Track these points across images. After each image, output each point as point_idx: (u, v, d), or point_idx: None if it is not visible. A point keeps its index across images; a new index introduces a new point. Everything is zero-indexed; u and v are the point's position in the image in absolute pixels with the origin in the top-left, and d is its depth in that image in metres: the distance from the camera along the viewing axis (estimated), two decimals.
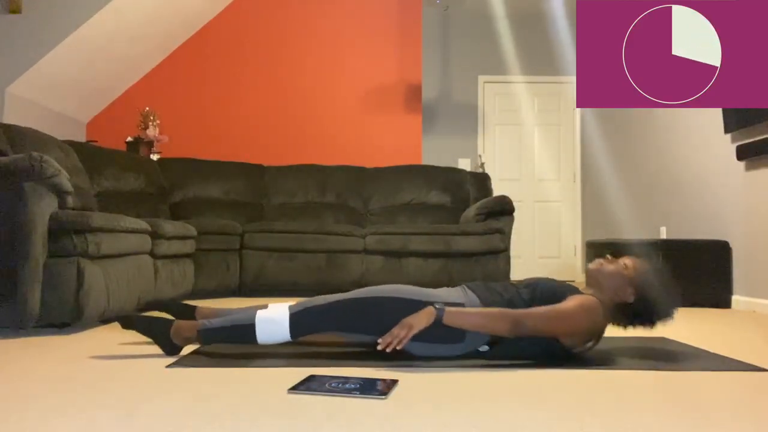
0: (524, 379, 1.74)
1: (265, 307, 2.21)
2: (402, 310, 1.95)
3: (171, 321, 2.02)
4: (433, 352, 2.02)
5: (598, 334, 2.04)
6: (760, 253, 3.78)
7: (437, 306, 1.89)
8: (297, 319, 1.97)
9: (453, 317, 1.88)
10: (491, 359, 2.00)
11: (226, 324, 2.00)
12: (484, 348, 2.01)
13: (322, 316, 1.99)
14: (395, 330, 1.85)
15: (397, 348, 1.85)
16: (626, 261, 2.13)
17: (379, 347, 1.85)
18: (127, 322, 2.02)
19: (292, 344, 2.25)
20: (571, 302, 1.97)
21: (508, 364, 1.94)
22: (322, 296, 2.09)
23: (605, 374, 1.83)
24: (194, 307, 2.36)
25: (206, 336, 1.99)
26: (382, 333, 1.93)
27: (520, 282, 2.20)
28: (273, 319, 1.97)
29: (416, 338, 1.91)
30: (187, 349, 2.12)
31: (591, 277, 2.14)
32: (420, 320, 1.86)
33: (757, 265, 3.82)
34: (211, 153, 5.87)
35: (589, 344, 2.06)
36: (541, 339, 1.97)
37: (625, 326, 2.12)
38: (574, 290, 2.08)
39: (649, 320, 2.09)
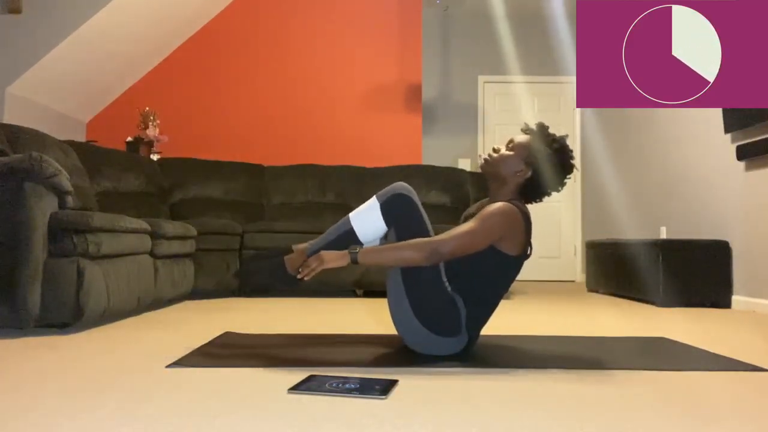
0: (524, 379, 1.74)
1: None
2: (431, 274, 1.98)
3: (281, 259, 2.05)
4: (430, 350, 2.02)
5: (527, 228, 2.04)
6: (760, 253, 3.78)
7: (351, 249, 1.93)
8: (387, 206, 2.03)
9: (367, 256, 1.93)
10: (491, 360, 2.01)
11: (329, 238, 2.06)
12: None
13: (404, 211, 2.04)
14: (311, 260, 1.93)
15: (306, 279, 1.93)
16: (510, 144, 2.14)
17: (298, 277, 1.94)
18: (246, 272, 2.07)
19: (291, 345, 2.26)
20: (479, 215, 2.00)
21: (507, 365, 1.94)
22: (403, 187, 2.13)
23: (605, 374, 1.83)
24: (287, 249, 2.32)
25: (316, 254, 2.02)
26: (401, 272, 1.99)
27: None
28: (365, 212, 2.04)
29: (417, 314, 1.95)
30: (186, 350, 2.12)
31: (489, 175, 2.16)
32: (333, 259, 1.92)
33: (757, 265, 3.82)
34: (211, 153, 5.87)
35: (529, 248, 2.08)
36: (488, 262, 1.99)
37: (540, 199, 2.15)
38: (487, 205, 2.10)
39: (557, 183, 2.12)
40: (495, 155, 2.14)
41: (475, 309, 2.04)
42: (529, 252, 2.08)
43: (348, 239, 2.04)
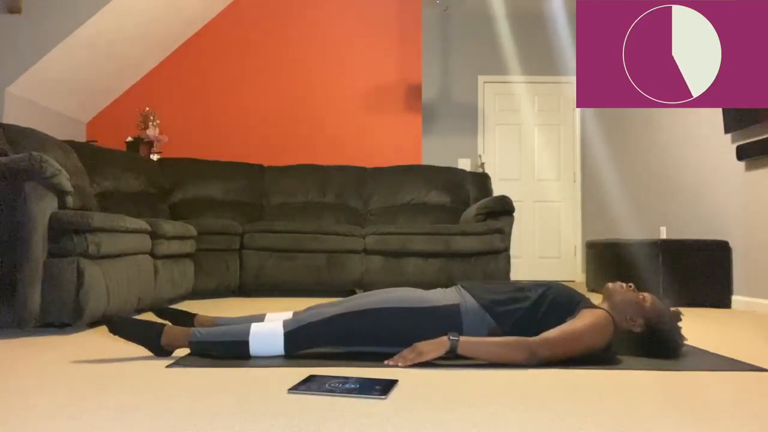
0: (524, 379, 1.74)
1: (260, 319, 2.19)
2: (401, 320, 1.95)
3: (162, 326, 1.96)
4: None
5: (608, 347, 2.02)
6: (760, 253, 3.78)
7: (452, 337, 1.86)
8: (292, 337, 1.94)
9: (467, 347, 1.86)
10: None
11: (219, 338, 1.96)
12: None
13: (319, 332, 1.96)
14: (406, 353, 1.87)
15: (400, 365, 1.86)
16: (645, 294, 2.12)
17: (387, 364, 1.87)
18: (114, 327, 1.93)
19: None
20: (584, 320, 1.94)
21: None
22: (317, 309, 2.06)
23: (605, 374, 1.83)
24: (193, 315, 2.31)
25: (198, 348, 1.95)
26: (380, 344, 1.95)
27: (520, 282, 2.20)
28: (267, 334, 1.94)
29: (417, 339, 1.92)
30: (186, 350, 2.12)
31: (608, 295, 2.12)
32: (432, 349, 1.85)
33: (757, 265, 3.82)
34: (211, 153, 5.87)
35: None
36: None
37: (626, 350, 2.11)
38: (588, 301, 2.06)
39: (646, 352, 2.09)
40: (627, 293, 2.10)
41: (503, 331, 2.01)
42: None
43: (237, 348, 1.94)
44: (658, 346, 2.07)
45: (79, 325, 2.61)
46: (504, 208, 4.61)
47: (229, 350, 1.96)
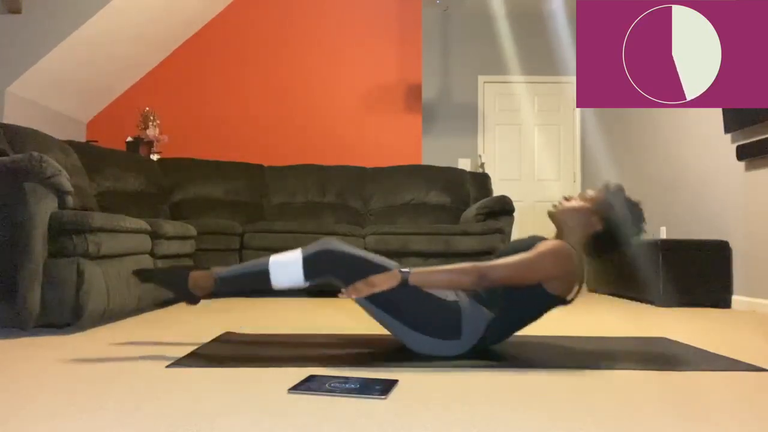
0: (524, 379, 1.74)
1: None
2: (413, 295, 1.96)
3: (187, 271, 2.03)
4: (431, 351, 2.02)
5: (580, 276, 2.03)
6: (760, 253, 3.78)
7: (402, 269, 1.91)
8: (312, 261, 1.97)
9: (418, 277, 1.91)
10: (491, 359, 2.00)
11: (241, 271, 2.02)
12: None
13: (339, 263, 1.98)
14: (359, 284, 1.91)
15: (353, 297, 1.91)
16: (588, 194, 2.14)
17: (340, 296, 1.93)
18: (146, 275, 2.03)
19: (291, 345, 2.26)
20: (537, 248, 1.98)
21: (508, 365, 1.94)
22: (333, 241, 2.07)
23: (605, 374, 1.83)
24: (187, 268, 2.24)
25: (222, 283, 2.00)
26: (383, 308, 1.97)
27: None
28: (287, 262, 1.98)
29: (416, 328, 1.93)
30: (186, 350, 2.12)
31: (556, 221, 2.15)
32: (383, 281, 1.90)
33: (757, 265, 3.82)
34: (211, 153, 5.87)
35: (576, 289, 2.05)
36: (531, 295, 1.98)
37: (604, 255, 2.14)
38: (543, 239, 2.08)
39: (624, 241, 2.10)
40: (566, 204, 2.13)
41: (497, 328, 2.03)
42: (570, 298, 2.05)
43: (259, 280, 1.99)
44: (623, 228, 2.07)
45: (79, 325, 2.61)
46: (504, 208, 4.61)
47: (252, 282, 2.00)
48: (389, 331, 2.06)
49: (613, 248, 2.12)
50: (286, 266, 1.98)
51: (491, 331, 2.03)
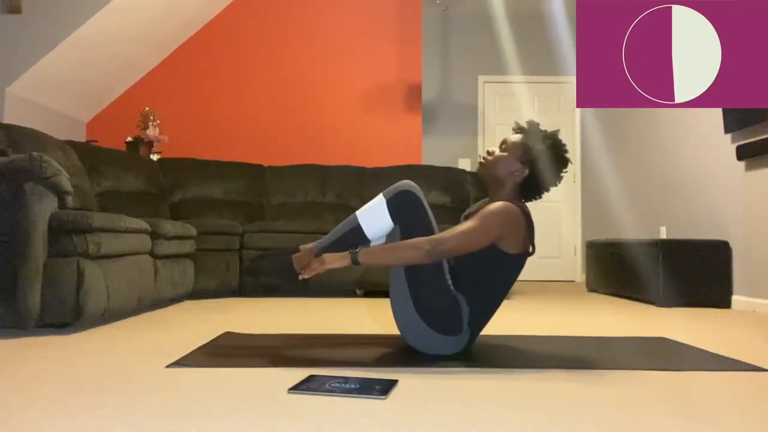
0: (524, 380, 1.74)
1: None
2: (435, 272, 1.99)
3: (289, 257, 2.05)
4: (430, 349, 2.03)
5: (528, 226, 2.04)
6: (760, 253, 3.78)
7: (351, 250, 1.95)
8: (394, 202, 2.02)
9: (368, 256, 1.94)
10: (491, 360, 2.01)
11: (335, 236, 2.07)
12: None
13: (411, 209, 2.02)
14: (312, 262, 1.95)
15: (308, 278, 1.95)
16: (503, 145, 2.16)
17: (301, 278, 1.98)
18: (254, 271, 2.06)
19: (291, 345, 2.26)
20: (478, 215, 2.01)
21: (508, 365, 1.94)
22: (411, 184, 2.10)
23: (605, 374, 1.83)
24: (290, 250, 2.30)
25: (323, 252, 2.03)
26: (407, 270, 2.00)
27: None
28: (372, 209, 2.04)
29: (421, 313, 1.96)
30: (186, 350, 2.12)
31: (486, 179, 2.17)
32: (335, 260, 1.94)
33: (757, 265, 3.82)
34: (211, 153, 5.87)
35: (531, 247, 2.08)
36: (493, 261, 2.00)
37: (539, 196, 2.16)
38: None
39: (554, 179, 2.12)
40: (489, 158, 2.15)
41: (477, 308, 2.04)
42: (531, 250, 2.09)
43: (355, 236, 2.05)
44: (550, 166, 2.09)
45: (79, 325, 2.61)
46: None
47: (349, 239, 2.05)
48: (393, 310, 2.05)
49: (543, 188, 2.14)
50: (374, 215, 2.04)
51: (474, 317, 2.04)
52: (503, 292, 2.10)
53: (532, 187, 2.13)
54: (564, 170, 2.14)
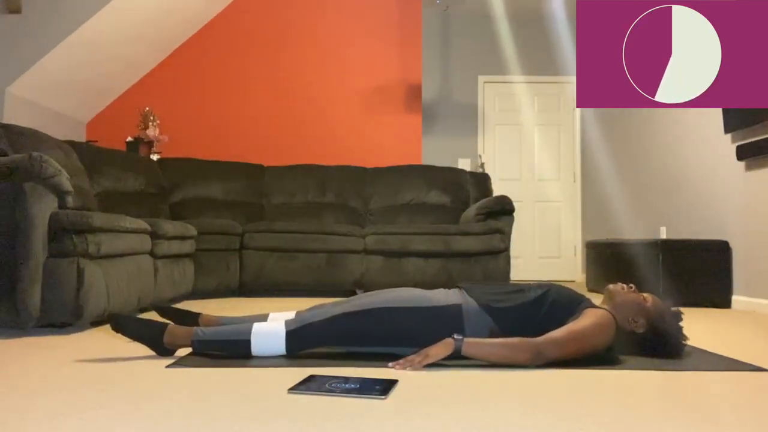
0: (524, 380, 1.74)
1: (264, 319, 2.20)
2: (403, 319, 1.96)
3: (165, 324, 1.97)
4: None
5: (610, 347, 2.03)
6: (760, 253, 3.78)
7: (456, 337, 1.86)
8: (294, 337, 1.94)
9: (472, 348, 1.85)
10: None
11: (221, 337, 1.97)
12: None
13: (321, 332, 1.96)
14: (412, 357, 1.86)
15: (407, 369, 1.84)
16: (646, 295, 2.13)
17: (391, 368, 1.85)
18: (117, 325, 1.95)
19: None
20: (588, 319, 1.94)
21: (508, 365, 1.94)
22: (320, 309, 2.06)
23: (605, 374, 1.83)
24: (197, 315, 2.32)
25: (200, 346, 1.96)
26: (382, 344, 1.96)
27: (521, 282, 2.19)
28: (269, 334, 1.95)
29: (417, 345, 1.92)
30: (186, 350, 2.12)
31: (610, 297, 2.13)
32: (438, 351, 1.85)
33: (757, 265, 3.81)
34: (211, 153, 5.87)
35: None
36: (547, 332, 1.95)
37: (627, 351, 2.11)
38: (588, 302, 2.06)
39: (649, 353, 2.09)
40: (629, 293, 2.10)
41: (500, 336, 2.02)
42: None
43: (238, 347, 1.95)
44: (661, 346, 2.07)
45: (79, 325, 2.61)
46: (504, 208, 4.61)
47: (230, 349, 1.96)
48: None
49: (640, 351, 2.10)
50: (269, 338, 1.95)
51: (495, 333, 2.01)
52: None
53: (633, 342, 2.09)
54: (666, 354, 2.08)
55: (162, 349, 1.97)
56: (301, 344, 1.97)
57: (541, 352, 1.86)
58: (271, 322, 2.00)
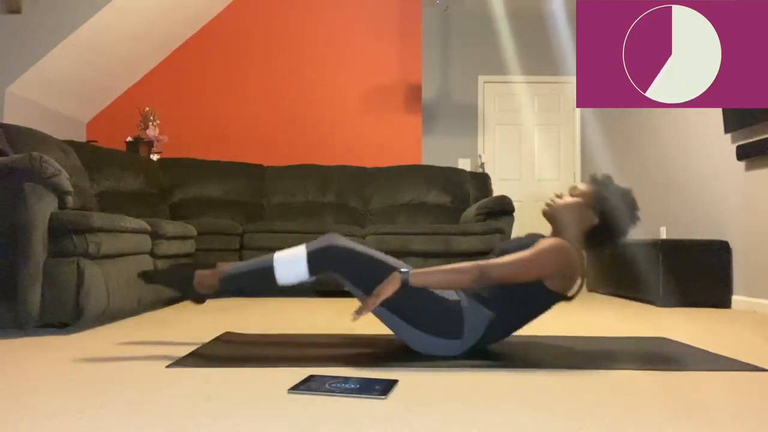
0: (524, 380, 1.74)
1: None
2: (417, 298, 1.98)
3: (192, 270, 2.04)
4: (432, 350, 2.03)
5: (581, 271, 2.05)
6: (760, 253, 3.78)
7: (402, 270, 1.93)
8: (316, 256, 1.99)
9: (418, 277, 1.92)
10: (491, 359, 2.00)
11: (245, 269, 2.04)
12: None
13: (341, 260, 1.99)
14: (367, 300, 1.91)
15: (363, 314, 1.89)
16: (577, 188, 2.16)
17: (352, 320, 1.93)
18: (150, 277, 2.05)
19: (291, 345, 2.26)
20: (536, 246, 2.00)
21: (508, 365, 1.94)
22: (338, 237, 2.07)
23: (605, 374, 1.83)
24: (188, 265, 2.24)
25: (227, 281, 2.02)
26: (385, 305, 1.97)
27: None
28: (291, 257, 2.00)
29: (417, 326, 1.95)
30: (186, 350, 2.12)
31: (550, 219, 2.17)
32: (388, 288, 1.90)
33: (757, 265, 3.82)
34: (211, 153, 5.87)
35: (579, 283, 2.08)
36: (532, 292, 2.00)
37: (603, 248, 2.15)
38: (541, 237, 2.10)
39: (621, 231, 2.12)
40: (559, 201, 2.14)
41: (499, 328, 2.04)
42: (571, 295, 2.07)
43: (264, 276, 2.01)
44: (619, 219, 2.09)
45: (79, 325, 2.61)
46: (504, 208, 4.61)
47: (257, 280, 2.02)
48: (390, 328, 2.06)
49: (611, 240, 2.14)
50: (291, 263, 2.00)
51: (491, 330, 2.03)
52: (526, 322, 2.10)
53: (599, 238, 2.12)
54: (632, 227, 2.13)
55: (195, 294, 2.04)
56: (322, 264, 1.99)
57: (485, 273, 1.91)
58: (291, 248, 2.05)
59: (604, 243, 2.14)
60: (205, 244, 4.21)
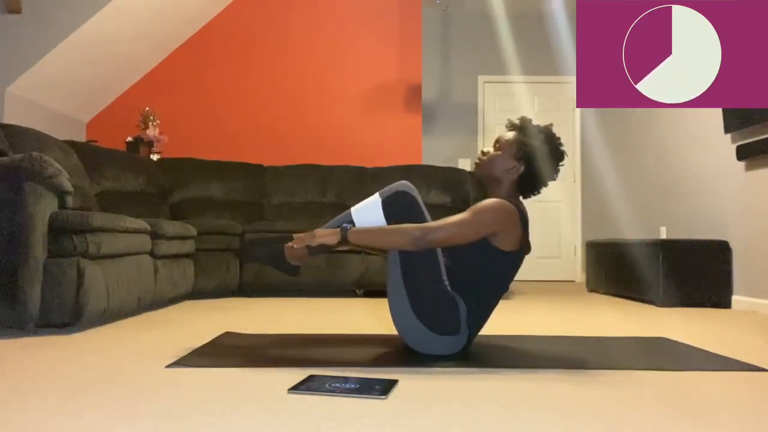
0: (524, 380, 1.74)
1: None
2: (437, 269, 2.01)
3: (281, 246, 2.09)
4: (430, 350, 2.03)
5: (523, 223, 2.07)
6: (760, 253, 3.78)
7: (343, 226, 1.98)
8: (389, 202, 2.04)
9: (356, 236, 1.96)
10: (491, 360, 2.01)
11: (330, 227, 2.08)
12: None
13: (406, 211, 2.03)
14: (303, 235, 2.00)
15: (294, 246, 1.98)
16: (497, 143, 2.18)
17: (288, 244, 2.03)
18: (248, 255, 2.11)
19: (291, 345, 2.26)
20: (471, 208, 2.04)
21: (508, 365, 1.94)
22: (409, 185, 2.12)
23: (605, 374, 1.83)
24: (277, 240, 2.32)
25: (315, 246, 2.05)
26: (403, 265, 2.00)
27: None
28: (366, 206, 2.06)
29: (416, 304, 1.97)
30: (186, 350, 2.12)
31: (483, 177, 2.20)
32: (325, 235, 1.97)
33: (757, 265, 3.81)
34: (211, 153, 5.87)
35: (526, 237, 2.10)
36: (488, 257, 2.01)
37: (537, 192, 2.18)
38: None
39: (548, 172, 2.14)
40: (484, 158, 2.17)
41: (475, 307, 2.05)
42: (526, 249, 2.09)
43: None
44: (544, 161, 2.11)
45: (79, 325, 2.61)
46: None
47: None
48: (391, 311, 2.05)
49: (541, 183, 2.15)
50: (367, 210, 2.05)
51: (472, 316, 2.05)
52: (500, 290, 2.11)
53: (530, 183, 2.15)
54: (560, 164, 2.16)
55: (291, 267, 2.09)
56: (395, 209, 2.03)
57: (424, 234, 1.93)
58: (366, 199, 2.11)
59: (536, 187, 2.16)
60: (205, 244, 4.21)
